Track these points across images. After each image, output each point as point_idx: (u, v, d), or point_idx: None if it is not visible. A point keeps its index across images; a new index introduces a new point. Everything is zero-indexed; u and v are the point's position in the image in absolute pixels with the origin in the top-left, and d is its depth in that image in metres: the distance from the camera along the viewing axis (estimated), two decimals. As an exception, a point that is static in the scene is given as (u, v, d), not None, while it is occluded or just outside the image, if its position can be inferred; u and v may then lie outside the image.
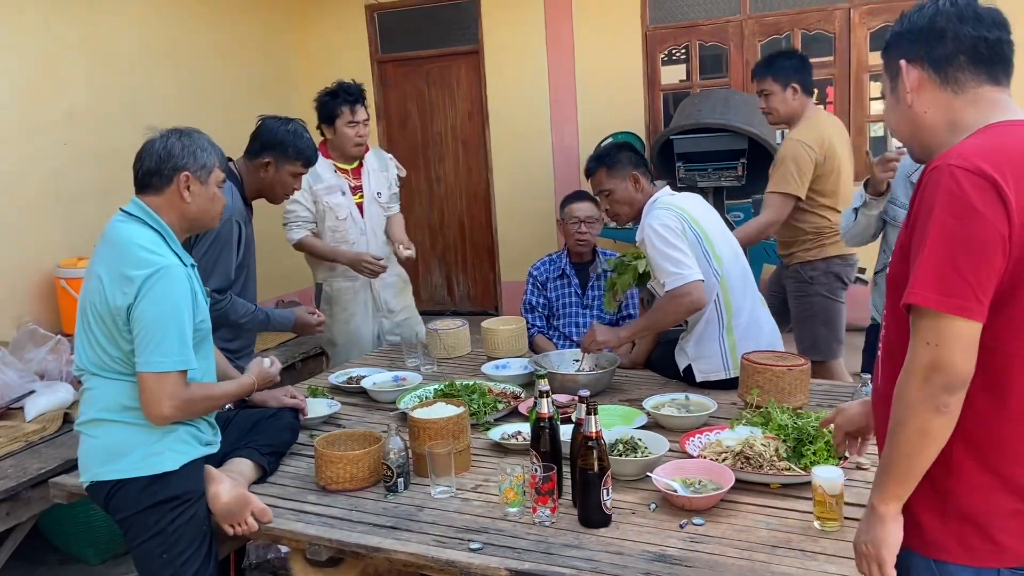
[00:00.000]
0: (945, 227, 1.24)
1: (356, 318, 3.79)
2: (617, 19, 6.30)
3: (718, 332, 2.83)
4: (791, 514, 1.93)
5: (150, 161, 2.10)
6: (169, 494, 2.00)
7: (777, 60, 3.61)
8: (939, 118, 1.39)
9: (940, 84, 1.38)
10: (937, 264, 1.24)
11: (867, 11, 5.75)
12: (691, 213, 2.85)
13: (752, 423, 2.31)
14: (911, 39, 1.41)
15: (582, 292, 3.63)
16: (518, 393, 2.82)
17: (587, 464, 1.90)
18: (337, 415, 2.80)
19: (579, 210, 3.57)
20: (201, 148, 2.13)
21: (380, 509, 2.08)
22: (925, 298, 1.24)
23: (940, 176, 1.26)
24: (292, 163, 2.90)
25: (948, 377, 1.24)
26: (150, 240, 2.03)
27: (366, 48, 7.09)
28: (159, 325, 1.94)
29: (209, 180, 2.14)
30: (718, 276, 2.82)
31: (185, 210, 2.11)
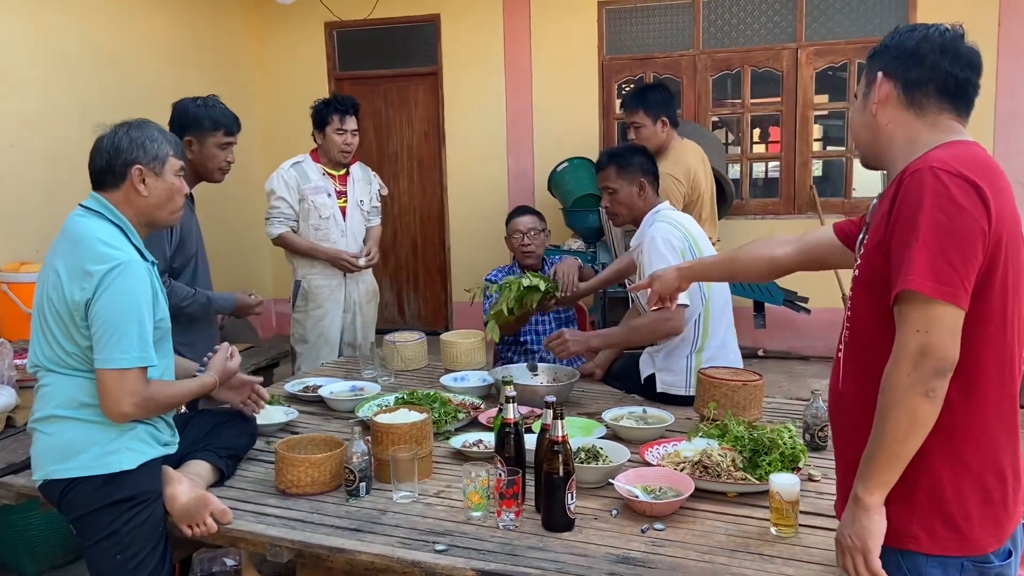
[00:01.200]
0: (935, 222, 1.32)
1: (329, 315, 4.04)
2: (574, 48, 6.44)
3: (689, 351, 2.89)
4: (748, 520, 1.98)
5: (101, 159, 2.06)
6: (125, 494, 1.95)
7: (648, 94, 3.72)
8: (898, 132, 1.51)
9: (906, 104, 1.50)
10: (929, 254, 1.31)
11: (813, 52, 6.01)
12: (692, 233, 2.93)
13: (709, 435, 2.36)
14: (894, 55, 1.52)
15: None
16: (477, 404, 2.83)
17: (553, 468, 1.92)
18: (293, 423, 2.77)
19: (522, 223, 3.65)
20: (151, 139, 2.07)
21: (342, 512, 2.07)
22: (920, 284, 1.31)
23: (923, 177, 1.35)
24: (212, 134, 2.93)
25: (938, 362, 1.31)
26: (110, 235, 2.00)
27: (324, 65, 7.11)
28: (119, 321, 1.91)
29: (164, 171, 2.08)
30: (704, 299, 2.88)
31: (142, 204, 2.07)
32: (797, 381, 5.61)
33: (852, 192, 6.23)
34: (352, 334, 4.13)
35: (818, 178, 6.84)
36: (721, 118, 6.74)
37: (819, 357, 6.16)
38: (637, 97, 3.71)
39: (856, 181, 6.29)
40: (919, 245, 1.32)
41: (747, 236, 6.19)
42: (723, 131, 7.25)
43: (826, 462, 2.32)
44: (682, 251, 2.83)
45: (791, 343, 6.21)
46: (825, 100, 6.42)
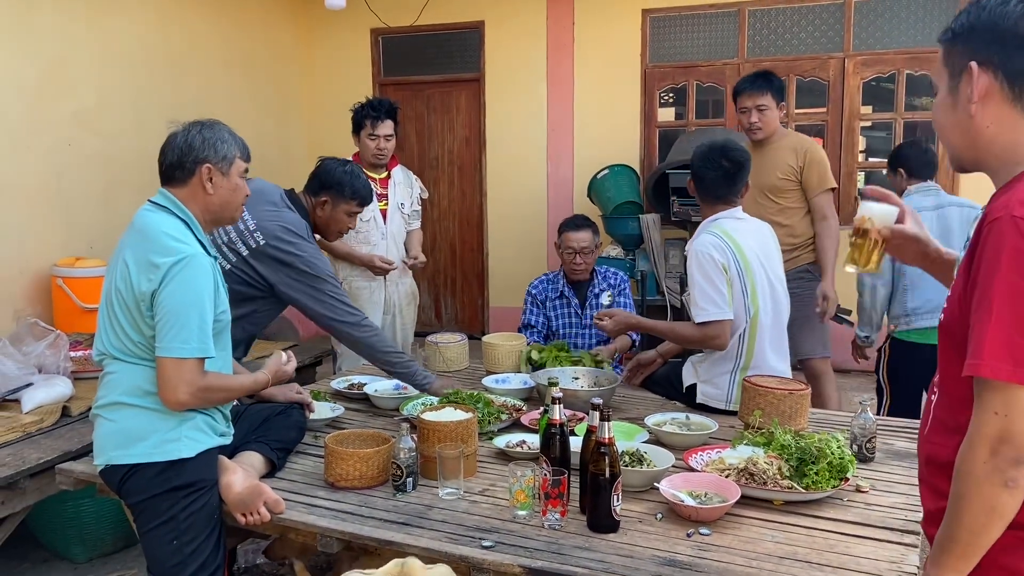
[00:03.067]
0: (1012, 289, 1.15)
1: (369, 317, 3.93)
2: (617, 56, 6.45)
3: (732, 367, 2.85)
4: (796, 529, 1.97)
5: (172, 155, 2.14)
6: (183, 481, 2.01)
7: (773, 79, 3.86)
8: (1003, 136, 1.26)
9: (1012, 100, 1.25)
10: (1006, 331, 1.15)
11: (860, 62, 5.95)
12: (736, 240, 2.82)
13: (754, 443, 2.36)
14: (987, 39, 1.25)
15: (581, 311, 3.69)
16: (519, 406, 2.85)
17: (599, 469, 1.94)
18: (340, 419, 2.82)
19: (575, 240, 3.62)
20: (221, 140, 2.16)
21: (390, 507, 2.10)
22: (995, 370, 1.15)
23: (1004, 229, 1.16)
24: (348, 202, 3.00)
25: (1019, 449, 1.15)
26: (177, 228, 2.07)
27: (369, 70, 7.20)
28: (181, 311, 1.97)
29: (231, 171, 2.17)
30: (749, 313, 2.81)
31: (208, 201, 2.15)
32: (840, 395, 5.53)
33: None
34: (391, 335, 4.17)
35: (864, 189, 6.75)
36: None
37: (860, 371, 6.06)
38: (764, 80, 3.78)
39: (901, 193, 6.21)
40: (994, 320, 1.15)
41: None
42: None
43: (873, 473, 2.31)
44: (724, 266, 2.76)
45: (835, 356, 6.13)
46: (871, 111, 6.35)
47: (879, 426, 2.51)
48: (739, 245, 2.82)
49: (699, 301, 2.77)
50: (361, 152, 4.06)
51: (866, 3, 5.91)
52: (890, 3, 5.87)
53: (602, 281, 3.72)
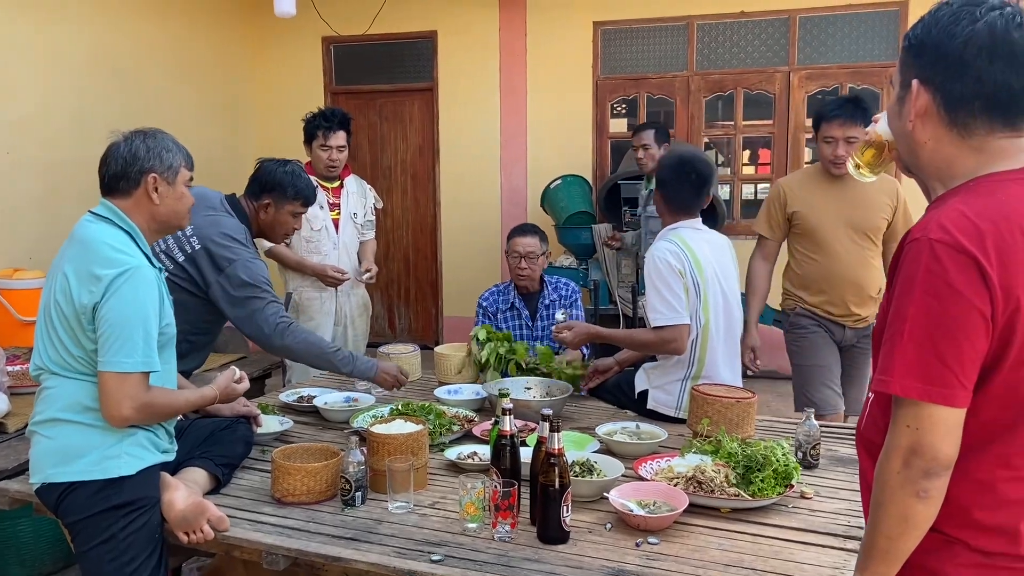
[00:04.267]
0: (926, 309, 1.17)
1: (320, 328, 4.03)
2: (570, 67, 6.51)
3: (684, 375, 2.89)
4: (742, 536, 2.00)
5: (116, 165, 2.09)
6: (123, 499, 1.96)
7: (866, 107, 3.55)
8: (938, 154, 1.29)
9: (948, 123, 1.26)
10: (918, 350, 1.18)
11: (805, 76, 6.10)
12: (693, 250, 2.86)
13: (702, 451, 2.39)
14: (932, 59, 1.25)
15: (532, 322, 3.69)
16: (471, 417, 2.85)
17: (548, 480, 1.94)
18: (288, 432, 2.78)
19: (521, 244, 3.62)
20: (166, 149, 2.13)
21: (338, 522, 2.08)
22: (904, 388, 1.18)
23: (920, 251, 1.19)
24: (291, 203, 2.97)
25: (929, 462, 1.18)
26: (119, 240, 2.03)
27: (320, 79, 7.14)
28: (125, 325, 1.93)
29: (176, 181, 2.14)
30: (700, 324, 2.85)
31: (155, 211, 2.11)
32: (784, 400, 5.62)
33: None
34: (343, 347, 4.13)
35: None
36: (713, 139, 6.80)
37: (807, 377, 6.18)
38: (857, 109, 3.30)
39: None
40: (906, 339, 1.18)
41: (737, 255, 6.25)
42: (714, 152, 7.32)
43: (818, 480, 2.36)
44: (680, 272, 2.81)
45: (780, 362, 6.22)
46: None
47: (823, 433, 2.56)
48: (695, 255, 2.87)
49: (656, 306, 2.80)
50: (313, 163, 4.03)
51: (810, 19, 6.06)
52: (833, 19, 6.03)
53: (552, 292, 3.71)
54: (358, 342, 4.24)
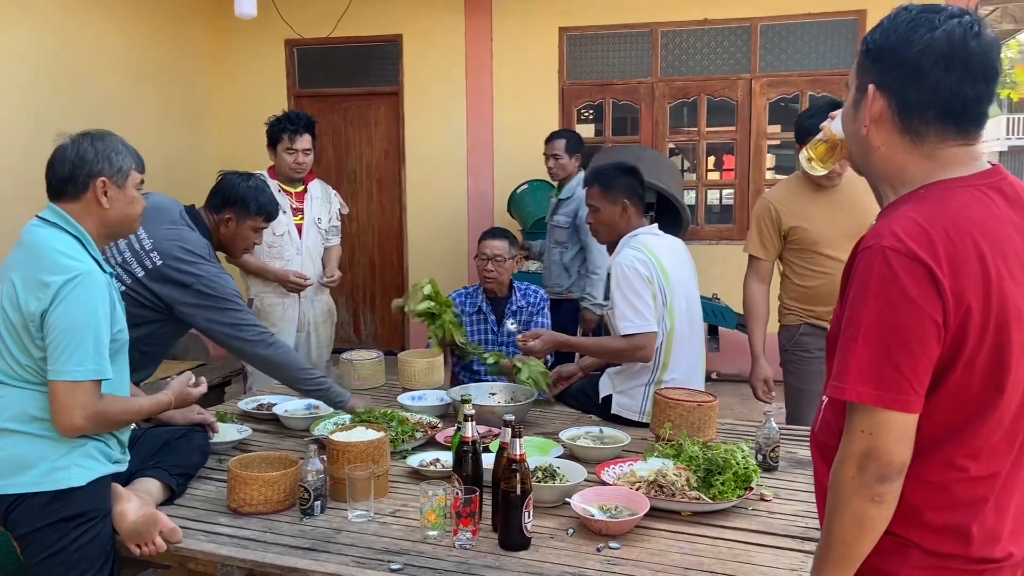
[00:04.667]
0: (879, 316, 1.19)
1: (282, 334, 3.93)
2: (536, 72, 6.52)
3: (647, 380, 2.91)
4: (702, 539, 2.00)
5: (63, 168, 2.03)
6: (73, 511, 1.91)
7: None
8: (891, 159, 1.30)
9: (900, 129, 1.27)
10: (872, 356, 1.19)
11: (766, 83, 6.17)
12: (661, 261, 2.89)
13: (664, 455, 2.39)
14: (889, 65, 1.26)
15: (498, 328, 3.68)
16: (435, 423, 2.83)
17: (510, 486, 1.93)
18: (247, 441, 2.73)
19: (489, 247, 3.61)
20: (115, 151, 2.07)
21: (296, 531, 2.04)
22: (859, 394, 1.20)
23: (873, 259, 1.20)
24: (253, 218, 2.92)
25: (883, 467, 1.19)
26: (68, 245, 1.97)
27: (284, 82, 7.07)
28: (75, 332, 1.88)
29: (127, 184, 2.08)
30: (666, 329, 2.88)
31: (104, 216, 2.06)
32: (748, 404, 5.69)
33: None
34: (306, 354, 4.08)
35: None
36: (678, 145, 6.86)
37: (771, 381, 6.25)
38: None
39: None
40: (860, 345, 1.20)
41: (703, 260, 6.30)
42: (679, 158, 7.39)
43: (777, 482, 2.37)
44: (649, 278, 2.82)
45: (743, 366, 6.28)
46: (778, 130, 6.59)
47: (782, 436, 2.58)
48: (660, 261, 2.89)
49: (626, 313, 2.81)
50: (277, 166, 3.98)
51: (771, 27, 6.14)
52: (793, 27, 6.12)
53: (520, 299, 3.68)
54: (322, 349, 4.18)
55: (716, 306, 5.57)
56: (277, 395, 3.27)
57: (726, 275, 6.26)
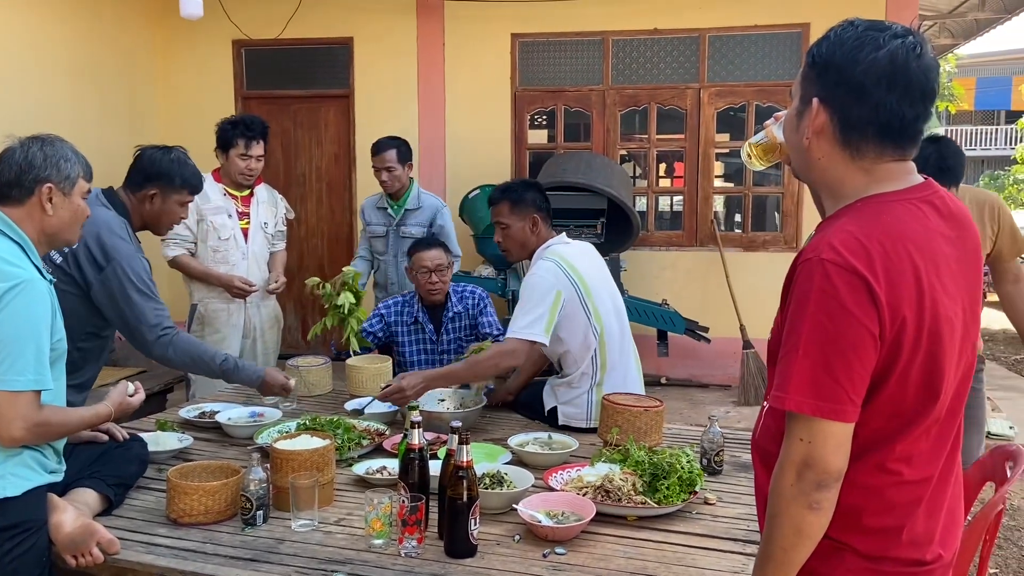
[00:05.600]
0: (819, 328, 1.22)
1: (227, 341, 3.92)
2: (488, 78, 6.53)
3: (589, 385, 2.92)
4: (647, 544, 2.02)
5: (9, 172, 1.99)
6: (8, 522, 1.84)
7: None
8: (831, 172, 1.33)
9: (841, 144, 1.31)
10: (811, 367, 1.22)
11: (715, 92, 6.28)
12: (574, 265, 2.89)
13: (611, 460, 2.41)
14: (834, 80, 1.28)
15: (436, 337, 3.62)
16: (382, 430, 2.80)
17: (456, 493, 1.92)
18: (188, 450, 2.67)
19: (429, 259, 3.47)
20: (64, 158, 2.05)
21: (237, 542, 2.00)
22: (799, 404, 1.23)
23: (813, 271, 1.23)
24: (179, 192, 2.84)
25: (820, 474, 1.22)
26: (9, 252, 1.92)
27: (231, 83, 6.96)
28: (15, 341, 1.83)
29: (73, 192, 2.06)
30: (596, 333, 2.88)
31: (46, 223, 2.03)
32: (697, 408, 5.79)
33: (750, 226, 6.51)
34: (252, 360, 4.01)
35: (719, 212, 7.13)
36: (629, 152, 6.93)
37: (718, 385, 6.37)
38: None
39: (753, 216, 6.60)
40: (800, 356, 1.23)
41: (652, 266, 6.40)
42: (631, 165, 7.47)
43: (721, 486, 2.41)
44: (554, 288, 2.79)
45: (692, 371, 6.41)
46: (726, 139, 6.71)
47: (726, 439, 2.62)
48: (576, 269, 2.89)
49: (517, 318, 2.80)
50: (226, 169, 3.93)
51: (719, 38, 6.25)
52: (740, 39, 6.24)
53: (457, 304, 3.59)
54: (268, 355, 4.13)
55: (665, 311, 5.64)
56: (220, 403, 3.20)
57: (675, 281, 6.37)
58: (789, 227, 6.31)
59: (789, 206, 6.30)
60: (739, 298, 6.03)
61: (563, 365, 2.99)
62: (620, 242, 5.81)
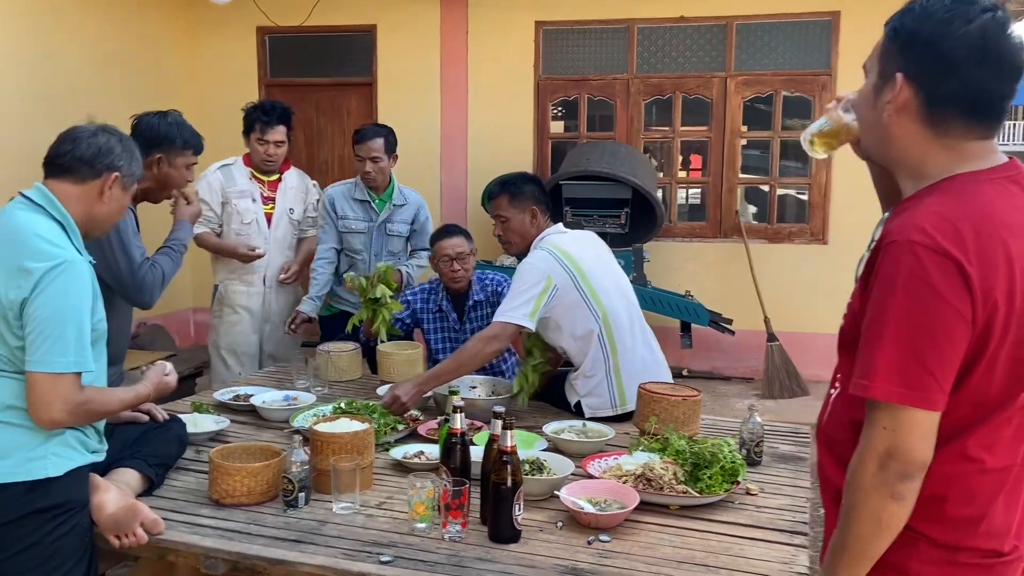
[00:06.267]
0: (908, 312, 1.17)
1: (243, 323, 3.91)
2: (511, 67, 6.49)
3: (605, 370, 2.88)
4: (692, 533, 2.00)
5: (88, 149, 2.00)
6: (50, 502, 1.84)
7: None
8: (912, 150, 1.28)
9: (926, 121, 1.26)
10: (899, 355, 1.17)
11: (741, 81, 6.22)
12: (569, 253, 2.87)
13: (650, 448, 2.39)
14: (920, 55, 1.23)
15: (459, 325, 3.60)
16: (416, 415, 2.79)
17: (501, 478, 1.91)
18: (224, 432, 2.67)
19: (451, 246, 3.45)
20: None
21: (280, 523, 2.00)
22: (887, 392, 1.18)
23: (901, 254, 1.18)
24: (182, 153, 2.82)
25: (905, 464, 1.18)
26: (51, 231, 1.92)
27: (255, 71, 6.96)
28: (57, 322, 1.82)
29: (128, 190, 2.10)
30: (598, 315, 2.86)
31: (96, 210, 2.03)
32: (720, 400, 5.75)
33: (775, 218, 6.45)
34: (272, 345, 4.01)
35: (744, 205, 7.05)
36: (651, 142, 6.87)
37: (740, 378, 6.33)
38: None
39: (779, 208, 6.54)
40: (887, 342, 1.18)
41: (676, 258, 6.36)
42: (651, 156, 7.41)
43: (762, 476, 2.38)
44: (548, 275, 2.78)
45: (714, 363, 6.37)
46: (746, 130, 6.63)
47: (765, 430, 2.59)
48: (570, 255, 2.87)
49: (503, 303, 2.83)
50: (251, 154, 3.92)
51: (746, 26, 6.19)
52: (769, 27, 6.17)
53: (479, 292, 3.56)
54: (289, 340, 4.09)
55: (689, 303, 5.60)
56: (254, 386, 3.20)
57: (698, 273, 6.32)
58: (816, 219, 6.25)
59: (816, 197, 6.24)
60: (764, 291, 5.98)
61: (571, 356, 2.96)
62: (644, 233, 5.77)
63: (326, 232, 3.99)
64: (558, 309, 2.84)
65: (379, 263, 3.47)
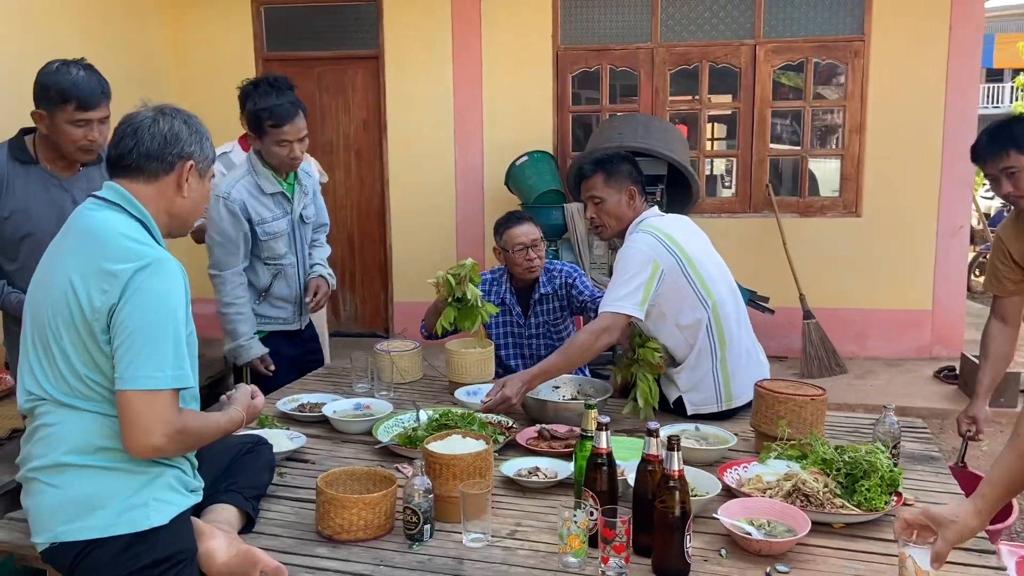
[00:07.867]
0: None
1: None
2: (528, 37, 6.18)
3: (711, 363, 2.69)
4: (868, 556, 1.79)
5: (152, 142, 1.71)
6: (157, 555, 1.57)
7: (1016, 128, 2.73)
8: None
9: None
10: None
11: (771, 49, 5.97)
12: (674, 237, 2.70)
13: (786, 456, 2.17)
14: None
15: (524, 320, 3.37)
16: (508, 423, 2.54)
17: (669, 507, 1.68)
18: (303, 449, 2.40)
19: (524, 234, 3.24)
20: (206, 136, 1.80)
21: (413, 563, 1.75)
22: None
23: None
24: (62, 108, 2.38)
25: None
26: (135, 229, 1.64)
27: (251, 45, 6.57)
28: (150, 331, 1.55)
29: (206, 174, 1.81)
30: (707, 304, 2.68)
31: (177, 205, 1.76)
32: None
33: (806, 191, 6.24)
34: None
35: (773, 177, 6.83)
36: (679, 113, 6.58)
37: (774, 356, 6.11)
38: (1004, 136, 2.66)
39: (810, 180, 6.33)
40: None
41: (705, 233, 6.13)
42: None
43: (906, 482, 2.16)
44: (653, 260, 2.61)
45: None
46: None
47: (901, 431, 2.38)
48: (674, 239, 2.70)
49: (609, 293, 2.64)
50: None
51: (776, -9, 5.93)
52: (799, -9, 5.93)
53: (546, 284, 3.32)
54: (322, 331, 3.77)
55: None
56: (311, 393, 2.92)
57: (728, 249, 6.02)
58: (848, 191, 6.05)
59: (849, 169, 6.03)
60: (797, 266, 5.79)
61: (672, 348, 2.74)
62: (680, 209, 5.53)
63: (227, 251, 3.02)
64: (663, 296, 2.64)
65: (467, 260, 3.04)
